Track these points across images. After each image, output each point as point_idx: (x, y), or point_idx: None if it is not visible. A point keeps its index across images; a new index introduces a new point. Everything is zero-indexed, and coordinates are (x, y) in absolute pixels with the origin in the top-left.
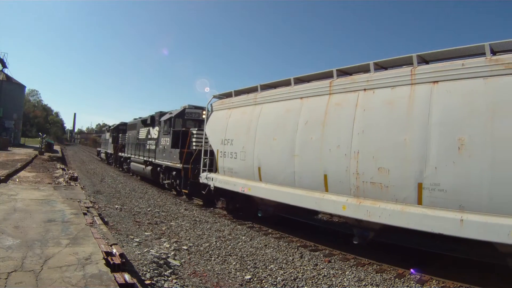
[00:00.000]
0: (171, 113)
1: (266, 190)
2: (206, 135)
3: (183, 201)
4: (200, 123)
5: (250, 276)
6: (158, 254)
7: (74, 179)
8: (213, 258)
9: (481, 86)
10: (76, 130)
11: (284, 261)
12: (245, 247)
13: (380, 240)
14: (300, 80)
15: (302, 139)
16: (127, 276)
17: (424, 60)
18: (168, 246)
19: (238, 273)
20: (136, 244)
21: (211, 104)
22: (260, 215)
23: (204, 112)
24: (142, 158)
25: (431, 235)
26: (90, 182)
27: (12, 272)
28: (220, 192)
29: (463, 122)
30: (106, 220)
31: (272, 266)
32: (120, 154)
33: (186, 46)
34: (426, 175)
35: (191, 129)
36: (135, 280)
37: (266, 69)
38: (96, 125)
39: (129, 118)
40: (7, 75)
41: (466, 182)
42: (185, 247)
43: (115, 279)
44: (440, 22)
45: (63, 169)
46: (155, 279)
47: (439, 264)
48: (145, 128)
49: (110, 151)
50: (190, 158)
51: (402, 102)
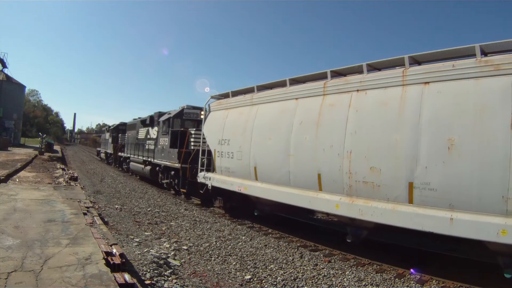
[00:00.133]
0: (170, 113)
1: (262, 189)
2: (203, 135)
3: (183, 201)
4: (198, 123)
5: (250, 276)
6: (158, 254)
7: (74, 179)
8: (213, 258)
9: (471, 87)
10: (76, 130)
11: (284, 261)
12: (245, 247)
13: (379, 240)
14: (295, 81)
15: (296, 139)
16: (127, 276)
17: (416, 61)
18: (168, 246)
19: (238, 273)
20: (136, 244)
21: (208, 105)
22: (256, 214)
23: (202, 113)
24: (141, 158)
25: (430, 235)
26: (90, 182)
27: (12, 272)
28: (218, 192)
29: (453, 122)
30: (106, 220)
31: (272, 266)
32: (119, 154)
33: (186, 46)
34: (416, 174)
35: (189, 129)
36: (135, 280)
37: (266, 69)
38: (96, 125)
39: (129, 118)
40: (7, 75)
41: (456, 181)
42: (185, 247)
43: (115, 279)
44: (440, 22)
45: (63, 169)
46: (155, 279)
47: (439, 264)
48: (144, 128)
49: (110, 151)
50: (188, 158)
51: (393, 103)
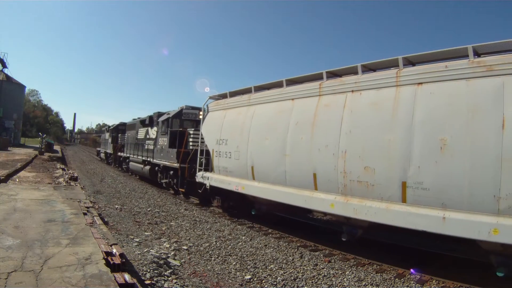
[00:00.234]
0: (169, 113)
1: (259, 188)
2: (202, 135)
3: (183, 201)
4: (197, 123)
5: (250, 276)
6: (158, 254)
7: (74, 179)
8: (213, 258)
9: (463, 87)
10: (76, 130)
11: (284, 261)
12: (245, 247)
13: (378, 239)
14: (292, 82)
15: (293, 139)
16: (127, 276)
17: (410, 62)
18: (168, 246)
19: (238, 273)
20: (136, 244)
21: (207, 105)
22: (253, 213)
23: (200, 113)
24: (141, 157)
25: (431, 235)
26: (90, 182)
27: (12, 272)
28: (216, 191)
29: (445, 122)
30: (106, 220)
31: (272, 266)
32: (119, 154)
33: (186, 46)
34: (409, 174)
35: (188, 129)
36: (135, 280)
37: (266, 69)
38: (96, 125)
39: (129, 118)
40: (7, 75)
41: (448, 181)
42: (185, 247)
43: (115, 279)
44: (440, 22)
45: (63, 169)
46: (155, 279)
47: (439, 264)
48: (143, 128)
49: (110, 151)
50: (187, 157)
51: (387, 103)
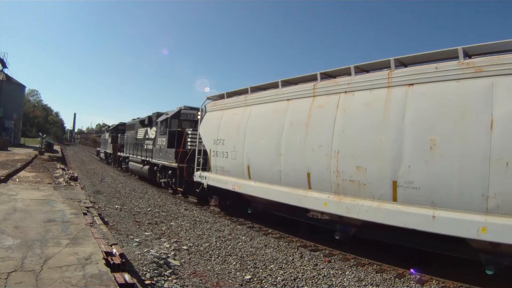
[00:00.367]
0: (168, 113)
1: (255, 187)
2: (200, 135)
3: (183, 201)
4: (195, 124)
5: (250, 276)
6: (158, 254)
7: (74, 179)
8: (213, 258)
9: (453, 88)
10: (76, 130)
11: (284, 261)
12: (245, 247)
13: (378, 239)
14: (287, 83)
15: (287, 139)
16: (127, 276)
17: (402, 64)
18: (168, 246)
19: (238, 273)
20: (136, 244)
21: (205, 105)
22: (250, 212)
23: (198, 113)
24: (140, 157)
25: (425, 234)
26: (90, 182)
27: (12, 272)
28: (213, 190)
29: (435, 123)
30: (106, 220)
31: (272, 266)
32: (119, 153)
33: (186, 46)
34: (400, 173)
35: (186, 129)
36: (135, 280)
37: (266, 69)
38: (96, 125)
39: (129, 118)
40: (7, 75)
41: (438, 180)
42: (185, 247)
43: (115, 279)
44: (440, 22)
45: (63, 169)
46: (155, 279)
47: (439, 264)
48: (143, 128)
49: (109, 151)
50: (185, 157)
51: (379, 104)
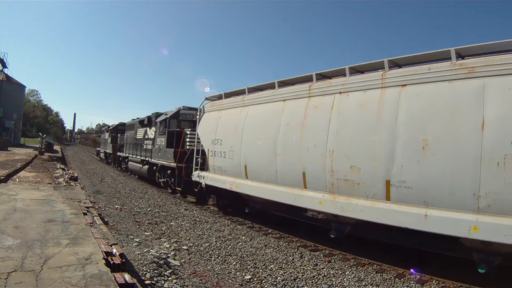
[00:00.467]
0: (167, 114)
1: (251, 187)
2: (198, 135)
3: (183, 201)
4: (194, 124)
5: (250, 276)
6: (158, 254)
7: (74, 179)
8: (213, 258)
9: (445, 89)
10: (76, 130)
11: (284, 261)
12: (245, 247)
13: (378, 239)
14: (284, 83)
15: (283, 139)
16: (127, 276)
17: (396, 65)
18: (168, 246)
19: (238, 273)
20: (136, 244)
21: (203, 106)
22: (247, 211)
23: (197, 113)
24: (139, 157)
25: (429, 235)
26: (90, 182)
27: (12, 272)
28: (211, 190)
29: (427, 123)
30: (106, 220)
31: (272, 266)
32: (118, 153)
33: (186, 46)
34: (393, 173)
35: (185, 129)
36: (135, 280)
37: (266, 69)
38: (96, 125)
39: (129, 118)
40: (7, 75)
41: (430, 179)
42: (185, 247)
43: (115, 279)
44: (440, 22)
45: (63, 169)
46: (155, 279)
47: (439, 264)
48: (142, 129)
49: (109, 150)
50: (184, 157)
51: (373, 105)
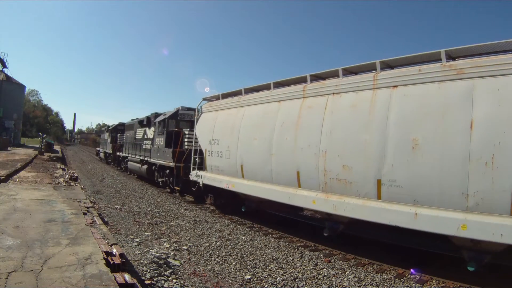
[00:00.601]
0: (165, 114)
1: (247, 186)
2: (196, 135)
3: (183, 201)
4: (192, 124)
5: (250, 276)
6: (158, 254)
7: (74, 179)
8: (213, 258)
9: (435, 90)
10: (76, 130)
11: (284, 261)
12: (245, 247)
13: (379, 239)
14: (279, 84)
15: (278, 139)
16: (127, 276)
17: (388, 66)
18: (168, 246)
19: (238, 273)
20: (136, 244)
21: (201, 106)
22: (243, 210)
23: (195, 114)
24: (139, 157)
25: (421, 234)
26: (90, 182)
27: (12, 272)
28: (209, 189)
29: (417, 123)
30: (106, 220)
31: (272, 266)
32: (118, 153)
33: (186, 46)
34: (384, 172)
35: (183, 129)
36: (135, 280)
37: (266, 69)
38: (96, 125)
39: (129, 118)
40: (7, 75)
41: (419, 178)
42: (185, 247)
43: (115, 279)
44: (440, 22)
45: (63, 169)
46: (155, 279)
47: (439, 264)
48: (141, 129)
49: (109, 150)
50: (182, 157)
51: (365, 105)
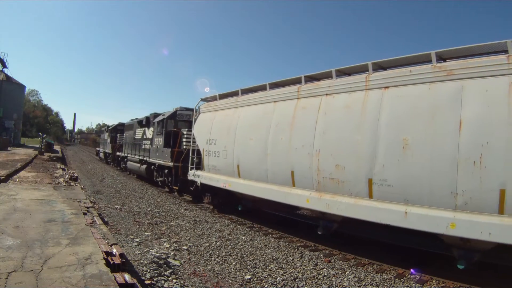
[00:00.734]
0: (164, 114)
1: (244, 185)
2: (193, 135)
3: (183, 201)
4: (190, 124)
5: (250, 276)
6: (158, 254)
7: (74, 179)
8: (213, 258)
9: (425, 91)
10: (76, 130)
11: (284, 261)
12: (245, 247)
13: (379, 239)
14: (275, 85)
15: (273, 139)
16: (127, 276)
17: (381, 67)
18: (168, 246)
19: (238, 273)
20: (136, 244)
21: (199, 107)
22: (240, 209)
23: (193, 114)
24: (138, 157)
25: (421, 233)
26: (90, 182)
27: (12, 272)
28: (206, 188)
29: (407, 124)
30: (106, 220)
31: (272, 266)
32: (117, 153)
33: (186, 46)
34: (375, 171)
35: (182, 129)
36: (135, 280)
37: (266, 69)
38: (96, 125)
39: (128, 118)
40: (7, 75)
41: (409, 178)
42: (185, 247)
43: (115, 279)
44: (440, 22)
45: (63, 169)
46: (155, 279)
47: (439, 264)
48: (141, 129)
49: (109, 150)
50: (181, 157)
51: (357, 106)
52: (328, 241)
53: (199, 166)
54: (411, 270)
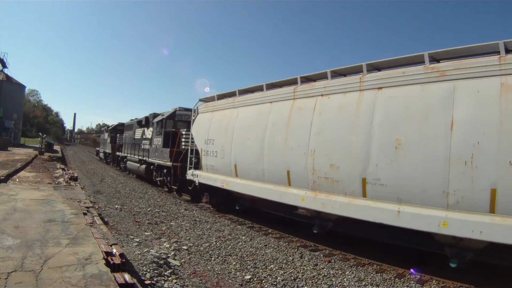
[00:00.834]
0: (163, 114)
1: (241, 185)
2: (192, 135)
3: (183, 201)
4: (189, 124)
5: (250, 276)
6: (158, 254)
7: (74, 179)
8: (213, 258)
9: (418, 92)
10: (76, 130)
11: (284, 261)
12: (245, 247)
13: (379, 239)
14: (272, 86)
15: (270, 139)
16: (127, 276)
17: (376, 68)
18: (168, 246)
19: (238, 273)
20: (136, 244)
21: (197, 107)
22: (237, 208)
23: (192, 114)
24: (137, 157)
25: (415, 232)
26: (90, 182)
27: (12, 272)
28: (204, 188)
29: (400, 124)
30: (106, 220)
31: (272, 266)
32: (117, 153)
33: (186, 46)
34: (369, 171)
35: (180, 129)
36: (135, 280)
37: (266, 69)
38: (96, 125)
39: (128, 118)
40: (7, 75)
41: (402, 177)
42: (185, 247)
43: (115, 279)
44: (440, 22)
45: (63, 169)
46: (155, 279)
47: (439, 264)
48: (140, 129)
49: (108, 150)
50: (179, 156)
51: (351, 107)
52: (328, 241)
53: (197, 166)
54: (411, 270)
